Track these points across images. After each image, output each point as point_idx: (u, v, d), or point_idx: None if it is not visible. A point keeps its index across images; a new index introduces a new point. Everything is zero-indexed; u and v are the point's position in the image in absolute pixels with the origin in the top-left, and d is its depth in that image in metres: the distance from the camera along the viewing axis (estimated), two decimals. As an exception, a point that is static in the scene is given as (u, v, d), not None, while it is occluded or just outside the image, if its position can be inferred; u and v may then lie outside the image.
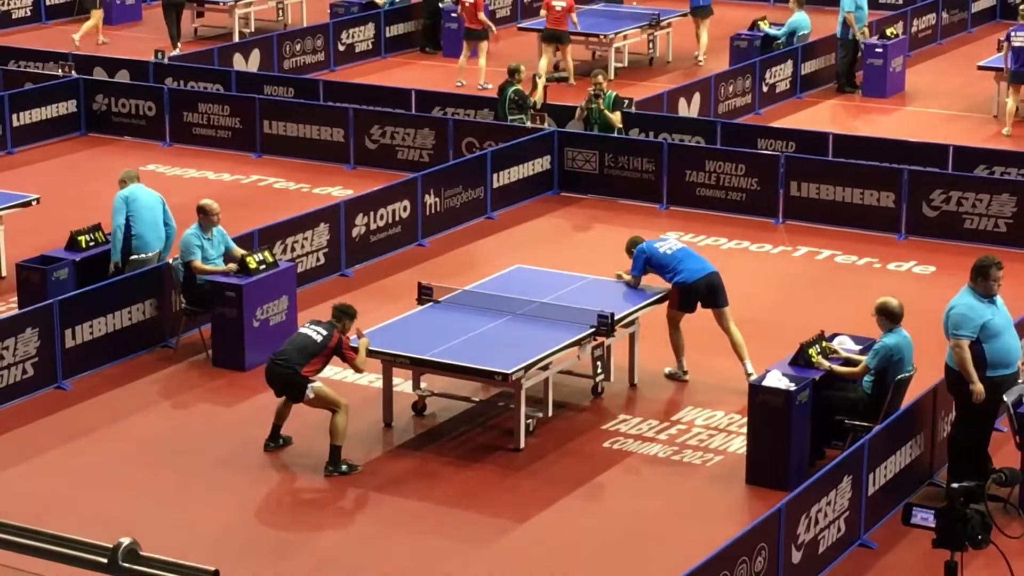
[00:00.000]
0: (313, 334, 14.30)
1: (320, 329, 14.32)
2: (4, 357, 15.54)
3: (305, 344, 14.24)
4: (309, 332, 14.34)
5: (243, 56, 28.29)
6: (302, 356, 14.19)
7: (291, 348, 14.26)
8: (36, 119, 24.55)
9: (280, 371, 14.21)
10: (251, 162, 23.78)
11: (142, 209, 17.23)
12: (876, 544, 13.04)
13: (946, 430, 14.14)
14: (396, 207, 20.15)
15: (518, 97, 23.31)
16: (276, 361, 14.24)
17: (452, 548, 13.05)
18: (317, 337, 14.26)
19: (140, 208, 17.22)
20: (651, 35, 29.92)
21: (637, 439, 14.94)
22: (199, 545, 12.90)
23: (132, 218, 17.17)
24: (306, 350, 14.21)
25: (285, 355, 14.21)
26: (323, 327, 14.35)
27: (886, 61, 27.73)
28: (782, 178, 21.23)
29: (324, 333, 14.28)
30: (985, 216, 20.27)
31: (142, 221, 17.21)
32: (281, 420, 14.63)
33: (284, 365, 14.18)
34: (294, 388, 14.23)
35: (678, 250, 16.19)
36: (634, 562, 12.83)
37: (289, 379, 14.19)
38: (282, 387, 14.34)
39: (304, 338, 14.31)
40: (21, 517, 7.57)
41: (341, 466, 14.18)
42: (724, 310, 16.07)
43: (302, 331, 14.44)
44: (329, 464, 14.20)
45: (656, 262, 16.12)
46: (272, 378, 14.34)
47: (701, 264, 16.07)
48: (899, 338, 13.80)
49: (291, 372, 14.14)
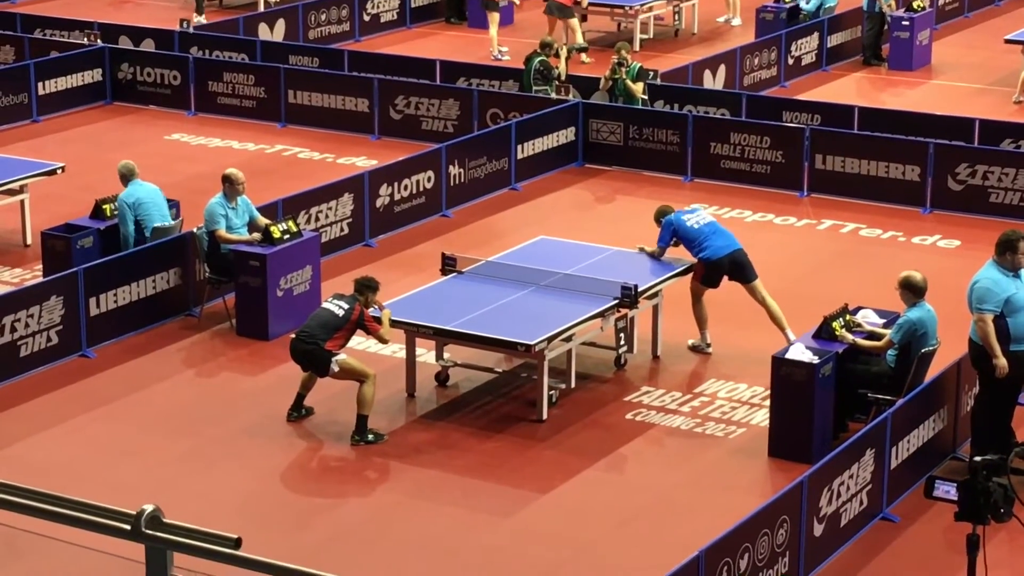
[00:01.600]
0: (335, 308, 14.30)
1: (342, 303, 14.32)
2: (29, 325, 15.59)
3: (327, 319, 14.24)
4: (331, 307, 14.34)
5: (268, 26, 28.28)
6: (325, 331, 14.19)
7: (314, 323, 14.27)
8: (61, 88, 24.58)
9: (303, 347, 14.23)
10: (276, 132, 23.78)
11: (149, 206, 17.14)
12: (898, 517, 13.03)
13: (969, 404, 14.12)
14: (420, 178, 20.15)
15: (543, 68, 23.28)
16: (300, 337, 14.27)
17: (474, 519, 13.07)
18: (339, 311, 14.25)
19: (147, 208, 17.12)
20: (677, 7, 29.83)
21: (660, 411, 14.94)
22: (222, 513, 12.95)
23: (142, 219, 17.10)
24: (328, 325, 14.21)
25: (308, 330, 14.23)
26: (345, 301, 14.35)
27: (913, 34, 27.61)
28: (807, 151, 21.17)
29: (346, 307, 14.27)
30: (1011, 190, 20.19)
31: (150, 218, 17.15)
32: (306, 390, 14.65)
33: (307, 341, 14.19)
34: (319, 363, 14.25)
35: (705, 224, 16.14)
36: (656, 534, 12.84)
37: (313, 354, 14.21)
38: (307, 362, 14.37)
39: (326, 313, 14.31)
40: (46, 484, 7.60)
41: (367, 435, 14.21)
42: (755, 284, 16.05)
43: (324, 306, 14.45)
44: (355, 433, 14.23)
45: (683, 235, 16.10)
46: (296, 354, 14.36)
47: (727, 240, 16.04)
48: (923, 312, 13.76)
49: (315, 347, 14.16)
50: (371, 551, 12.57)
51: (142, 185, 17.25)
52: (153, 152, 22.11)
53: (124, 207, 17.06)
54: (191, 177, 20.95)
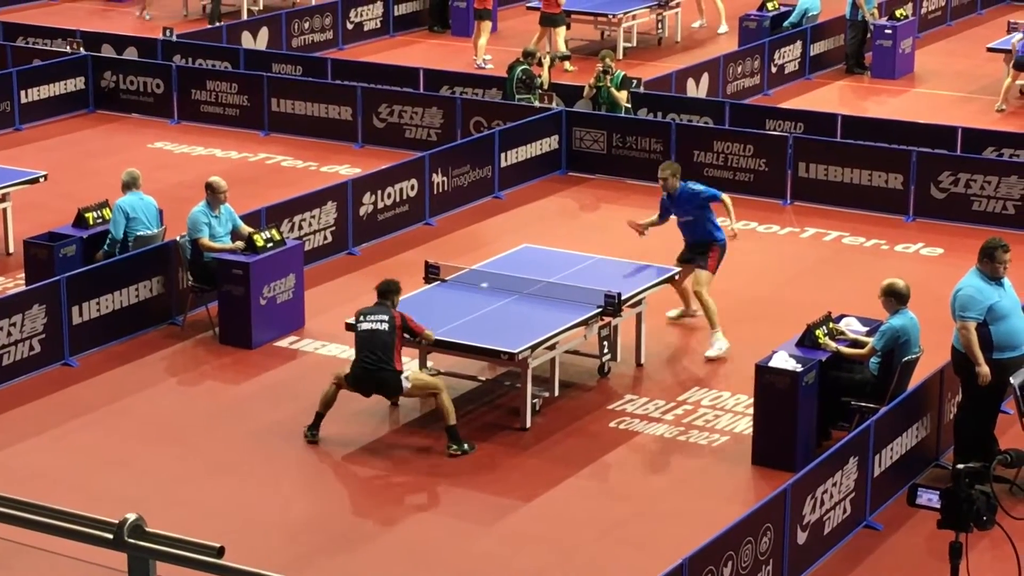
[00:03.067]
0: (380, 326, 14.04)
1: (381, 316, 14.09)
2: (11, 333, 15.56)
3: (383, 339, 14.00)
4: (374, 326, 14.06)
5: (251, 34, 28.27)
6: (387, 351, 13.99)
7: (373, 348, 14.00)
8: (44, 96, 24.54)
9: (379, 375, 14.03)
10: (259, 140, 23.77)
11: (140, 218, 17.13)
12: (881, 525, 13.04)
13: (952, 412, 14.14)
14: (404, 186, 20.14)
15: (526, 76, 23.30)
16: (368, 366, 14.01)
17: (458, 527, 13.06)
18: (385, 327, 14.05)
19: (139, 221, 17.12)
20: (660, 15, 29.87)
21: (643, 419, 14.94)
22: (204, 522, 12.92)
23: (129, 229, 17.07)
24: (387, 344, 14.00)
25: (373, 357, 13.98)
26: (381, 312, 14.13)
27: (895, 42, 27.67)
28: (790, 159, 21.20)
29: (387, 318, 14.08)
30: (993, 198, 20.24)
31: (137, 230, 17.13)
32: (327, 409, 14.34)
33: (379, 367, 13.99)
34: (391, 386, 14.10)
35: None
36: (640, 542, 12.84)
37: (387, 379, 14.03)
38: (378, 387, 14.19)
39: (377, 334, 14.03)
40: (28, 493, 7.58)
41: (463, 444, 14.11)
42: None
43: (368, 327, 14.08)
44: (451, 443, 14.09)
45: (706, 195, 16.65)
46: (369, 383, 14.13)
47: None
48: (906, 320, 13.78)
49: (388, 371, 13.99)
50: (354, 559, 12.55)
51: (142, 200, 17.23)
52: (136, 160, 22.05)
53: (118, 211, 17.04)
54: (174, 185, 20.93)
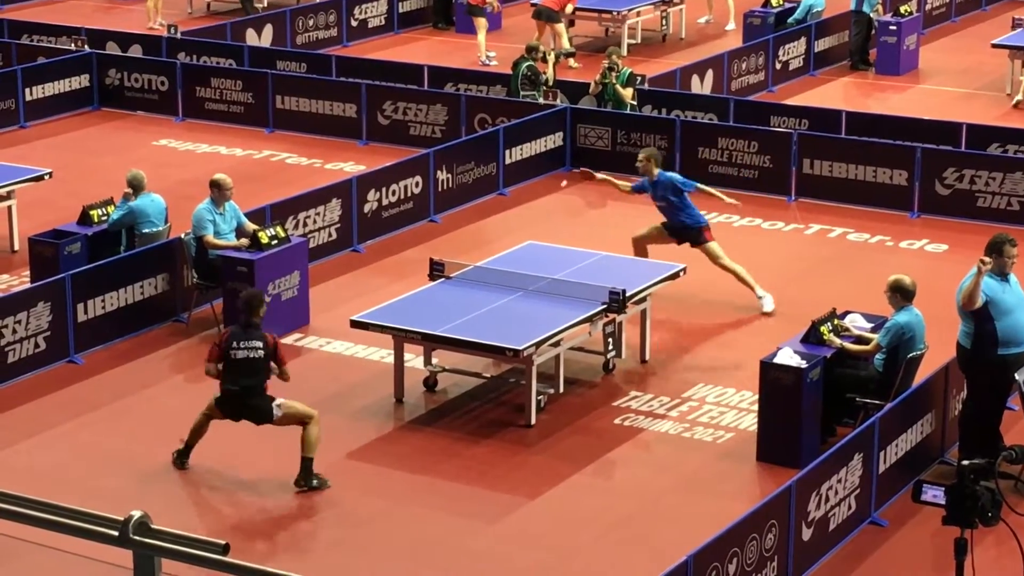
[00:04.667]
0: (254, 353, 13.25)
1: (255, 344, 13.28)
2: (17, 331, 15.57)
3: (256, 367, 13.28)
4: (250, 355, 13.25)
5: (256, 31, 28.27)
6: (260, 379, 13.32)
7: (244, 374, 13.29)
8: (49, 93, 24.55)
9: (244, 400, 13.34)
10: (263, 137, 23.77)
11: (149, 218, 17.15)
12: (887, 522, 13.04)
13: (957, 408, 14.14)
14: (408, 183, 20.14)
15: (531, 73, 23.29)
16: (235, 391, 13.31)
17: (462, 524, 13.07)
18: (260, 354, 13.27)
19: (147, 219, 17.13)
20: (664, 12, 29.86)
21: (648, 416, 14.94)
22: (209, 520, 12.93)
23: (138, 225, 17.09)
24: (260, 371, 13.31)
25: (243, 382, 13.28)
26: (256, 339, 13.30)
27: (900, 39, 27.65)
28: (795, 155, 21.19)
29: (260, 345, 13.28)
30: (998, 194, 20.23)
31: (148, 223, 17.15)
32: (196, 439, 13.65)
33: (247, 392, 13.31)
34: (262, 412, 13.37)
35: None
36: (644, 539, 12.84)
37: (257, 406, 13.35)
38: (248, 414, 13.44)
39: (251, 363, 13.28)
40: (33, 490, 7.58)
41: (312, 480, 13.39)
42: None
43: (242, 356, 13.27)
44: (300, 479, 13.39)
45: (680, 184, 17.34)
46: (236, 409, 13.42)
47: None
48: (911, 316, 13.77)
49: (256, 398, 13.32)
50: (359, 557, 12.56)
51: (151, 201, 17.22)
52: (141, 158, 22.06)
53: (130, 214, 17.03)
54: (178, 183, 20.93)
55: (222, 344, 13.41)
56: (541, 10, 27.98)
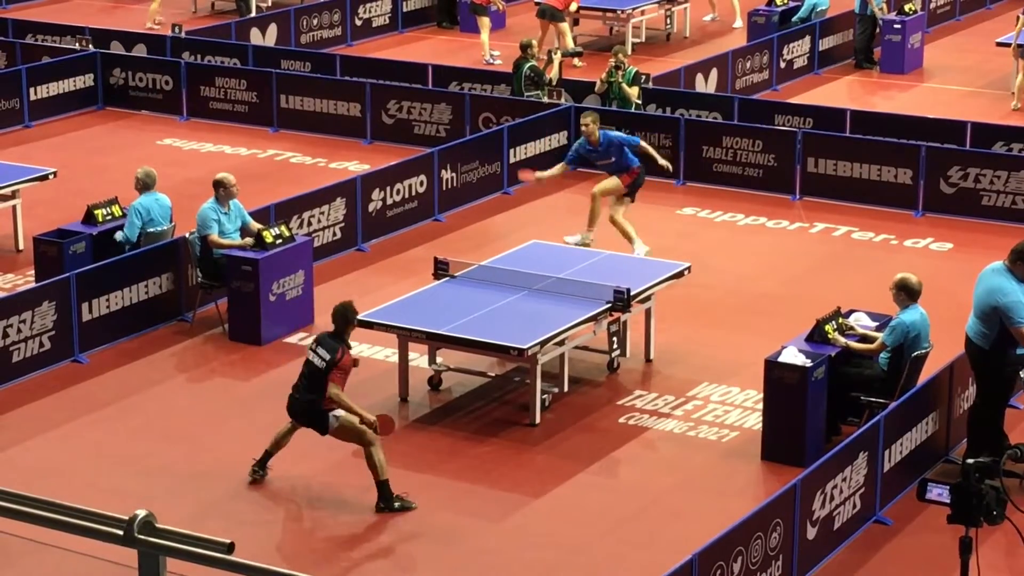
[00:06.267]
0: (317, 360, 13.06)
1: (322, 352, 13.06)
2: (21, 330, 15.58)
3: (312, 372, 13.10)
4: (313, 359, 13.08)
5: (260, 30, 28.27)
6: (317, 384, 13.08)
7: (303, 377, 13.21)
8: (53, 93, 24.56)
9: (301, 401, 13.20)
10: (268, 136, 23.78)
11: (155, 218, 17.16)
12: (891, 520, 13.04)
13: (962, 407, 14.13)
14: (413, 182, 20.15)
15: (533, 73, 23.28)
16: (293, 395, 13.26)
17: (467, 523, 13.07)
18: (322, 364, 13.02)
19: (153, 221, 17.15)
20: (668, 10, 29.85)
21: (653, 415, 14.94)
22: (214, 519, 12.93)
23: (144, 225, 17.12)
24: (316, 377, 13.06)
25: (300, 386, 13.22)
26: (326, 349, 13.06)
27: (904, 37, 27.63)
28: (799, 154, 21.18)
29: (327, 357, 13.01)
30: (1003, 193, 20.21)
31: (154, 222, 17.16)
32: (276, 448, 13.58)
33: (303, 394, 13.18)
34: (317, 419, 13.18)
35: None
36: (649, 537, 12.84)
37: (312, 410, 13.17)
38: (305, 419, 13.27)
39: (310, 366, 13.13)
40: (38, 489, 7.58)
41: (394, 502, 13.13)
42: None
43: (308, 357, 13.18)
44: (381, 501, 13.16)
45: (627, 141, 18.59)
46: (295, 412, 13.31)
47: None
48: (916, 315, 13.76)
49: (311, 401, 13.15)
50: (363, 555, 12.56)
51: (157, 201, 17.23)
52: (145, 157, 22.05)
53: (134, 212, 17.04)
54: (183, 182, 20.94)
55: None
56: (545, 9, 27.98)
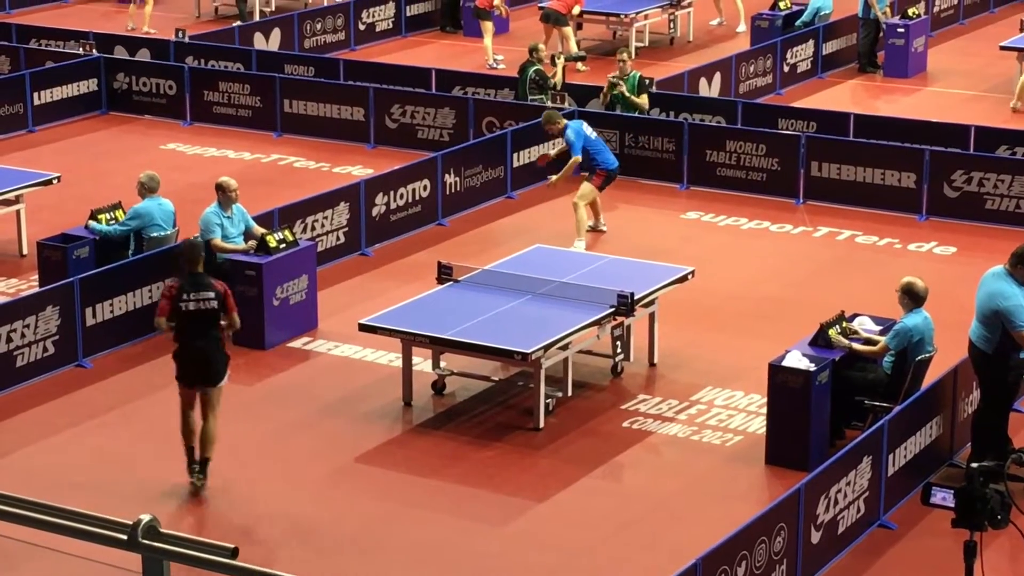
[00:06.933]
0: (204, 304, 13.08)
1: (206, 293, 13.11)
2: (25, 335, 15.58)
3: (206, 316, 13.11)
4: (199, 304, 13.08)
5: (263, 35, 28.30)
6: (213, 330, 13.17)
7: (194, 327, 13.13)
8: (57, 98, 24.58)
9: (210, 352, 13.13)
10: (271, 141, 23.79)
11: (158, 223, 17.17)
12: (895, 525, 13.03)
13: (966, 411, 14.13)
14: (416, 186, 20.15)
15: (539, 77, 23.28)
16: (203, 344, 13.15)
17: (470, 527, 13.07)
18: (212, 304, 13.09)
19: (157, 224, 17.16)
20: (672, 15, 29.86)
21: (656, 419, 14.93)
22: (218, 523, 12.93)
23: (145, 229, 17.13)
24: (212, 320, 13.13)
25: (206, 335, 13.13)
26: (205, 288, 13.12)
27: (908, 41, 27.63)
28: (803, 158, 21.18)
29: (213, 295, 13.13)
30: (1007, 197, 20.20)
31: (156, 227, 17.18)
32: (194, 440, 13.42)
33: (212, 343, 13.12)
34: (217, 370, 13.20)
35: (597, 137, 19.59)
36: (653, 542, 12.83)
37: (218, 359, 13.17)
38: (203, 373, 13.21)
39: (201, 313, 13.09)
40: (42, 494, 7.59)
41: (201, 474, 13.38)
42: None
43: (190, 308, 13.12)
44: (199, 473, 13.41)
45: (587, 143, 19.23)
46: (201, 363, 13.19)
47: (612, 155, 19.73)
48: (920, 319, 13.76)
49: (218, 349, 13.14)
50: (368, 561, 12.56)
51: (160, 206, 17.23)
52: (149, 162, 22.06)
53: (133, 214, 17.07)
54: (187, 187, 20.94)
55: (172, 297, 13.13)
56: (548, 13, 28.00)
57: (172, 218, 17.37)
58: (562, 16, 27.85)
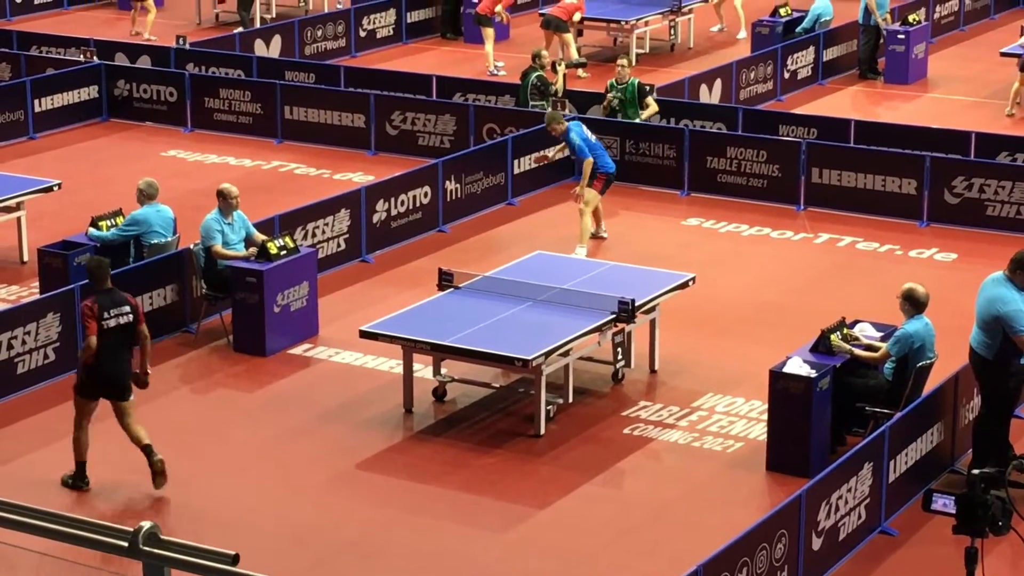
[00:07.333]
0: (123, 318, 13.33)
1: (124, 308, 13.38)
2: (26, 342, 15.58)
3: (126, 331, 13.38)
4: (119, 319, 13.32)
5: (264, 42, 28.31)
6: (130, 343, 13.49)
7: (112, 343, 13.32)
8: (58, 104, 24.60)
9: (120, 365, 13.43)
10: (272, 148, 23.79)
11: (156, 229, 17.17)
12: (897, 531, 13.02)
13: (967, 418, 14.12)
14: (417, 193, 20.15)
15: (540, 83, 23.29)
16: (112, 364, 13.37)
17: (471, 534, 13.06)
18: (129, 318, 13.35)
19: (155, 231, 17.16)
20: (672, 21, 29.88)
21: (657, 425, 14.93)
22: (218, 530, 12.92)
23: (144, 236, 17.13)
24: (130, 334, 13.43)
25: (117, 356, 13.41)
26: (121, 303, 13.37)
27: (908, 47, 27.65)
28: (803, 164, 21.18)
29: (129, 309, 13.40)
30: (1007, 203, 20.21)
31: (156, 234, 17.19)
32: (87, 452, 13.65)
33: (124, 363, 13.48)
34: (125, 385, 13.51)
35: (596, 140, 19.64)
36: (654, 549, 12.83)
37: (122, 374, 13.45)
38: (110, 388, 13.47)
39: (121, 328, 13.34)
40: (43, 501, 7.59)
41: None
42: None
43: (110, 324, 13.30)
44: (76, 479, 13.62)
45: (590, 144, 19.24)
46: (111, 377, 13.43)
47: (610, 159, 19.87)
48: (921, 325, 13.76)
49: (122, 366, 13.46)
50: (369, 567, 12.55)
51: (158, 213, 17.22)
52: (149, 169, 22.07)
53: (131, 220, 17.08)
54: (187, 194, 20.95)
55: (95, 316, 13.24)
56: (549, 20, 28.02)
57: (172, 225, 17.37)
58: (563, 23, 27.86)
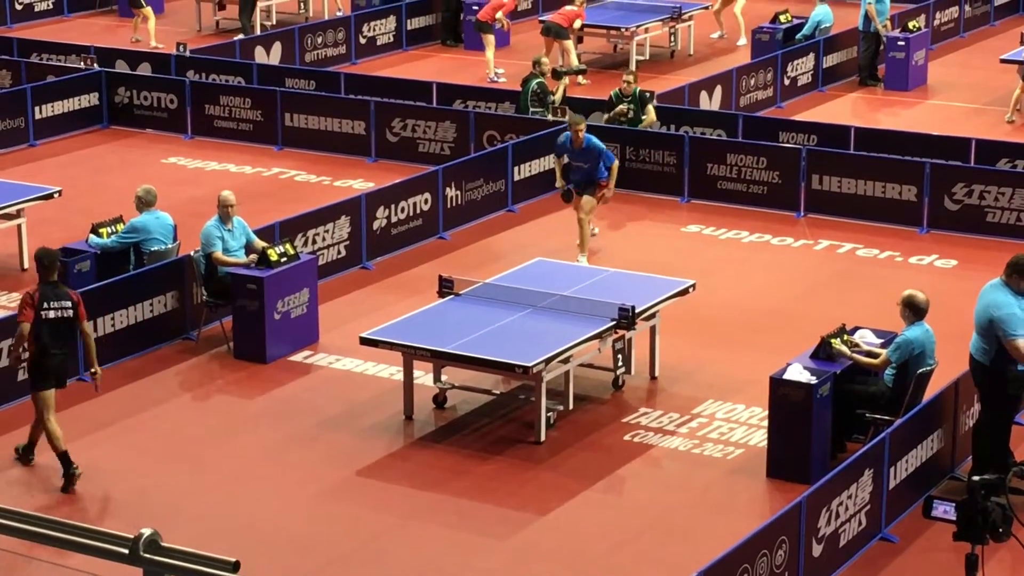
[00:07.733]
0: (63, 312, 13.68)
1: (65, 302, 13.70)
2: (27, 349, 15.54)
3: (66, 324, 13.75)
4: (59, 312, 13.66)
5: (264, 49, 28.32)
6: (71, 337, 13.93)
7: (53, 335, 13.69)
8: (58, 112, 24.61)
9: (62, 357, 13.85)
10: (272, 155, 23.80)
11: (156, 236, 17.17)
12: (897, 538, 13.02)
13: (967, 424, 14.12)
14: (417, 200, 20.16)
15: (541, 90, 23.30)
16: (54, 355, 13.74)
17: (472, 541, 13.06)
18: (69, 312, 13.70)
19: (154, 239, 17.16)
20: (673, 28, 29.90)
21: (658, 432, 14.93)
22: (219, 537, 12.92)
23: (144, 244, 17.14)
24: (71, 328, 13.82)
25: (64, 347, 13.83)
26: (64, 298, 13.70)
27: (908, 54, 27.67)
28: (803, 171, 21.19)
29: (70, 304, 13.73)
30: (1007, 209, 20.22)
31: (156, 240, 17.20)
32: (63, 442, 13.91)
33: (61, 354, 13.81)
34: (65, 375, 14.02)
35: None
36: (654, 555, 12.82)
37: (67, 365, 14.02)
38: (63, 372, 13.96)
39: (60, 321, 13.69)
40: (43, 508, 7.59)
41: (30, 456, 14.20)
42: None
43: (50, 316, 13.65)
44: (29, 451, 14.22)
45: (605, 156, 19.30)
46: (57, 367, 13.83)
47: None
48: (921, 332, 13.76)
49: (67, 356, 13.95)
50: (369, 574, 12.55)
51: (157, 220, 17.23)
52: (150, 176, 22.08)
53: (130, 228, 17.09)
54: (188, 201, 20.96)
55: (34, 305, 13.57)
56: (550, 26, 28.03)
57: (172, 232, 17.37)
58: (563, 29, 27.88)
